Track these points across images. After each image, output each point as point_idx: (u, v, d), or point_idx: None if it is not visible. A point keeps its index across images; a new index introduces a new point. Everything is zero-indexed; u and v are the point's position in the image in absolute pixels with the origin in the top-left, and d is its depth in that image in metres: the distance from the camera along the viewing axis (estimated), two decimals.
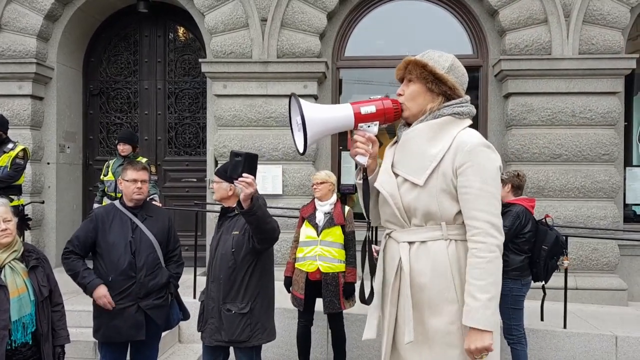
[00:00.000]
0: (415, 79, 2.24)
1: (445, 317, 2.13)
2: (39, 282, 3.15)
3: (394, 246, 2.26)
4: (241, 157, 2.80)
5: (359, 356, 5.37)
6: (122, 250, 3.66)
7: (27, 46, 7.17)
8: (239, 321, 3.54)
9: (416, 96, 2.24)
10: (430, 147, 2.16)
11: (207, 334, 3.63)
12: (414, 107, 2.24)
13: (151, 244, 3.75)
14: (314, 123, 2.08)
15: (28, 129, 7.17)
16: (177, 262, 3.95)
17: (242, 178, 2.84)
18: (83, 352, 5.04)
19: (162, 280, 3.77)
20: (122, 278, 3.63)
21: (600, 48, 6.60)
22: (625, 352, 5.24)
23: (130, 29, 8.07)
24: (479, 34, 7.14)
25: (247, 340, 3.57)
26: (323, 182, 4.75)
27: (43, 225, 7.39)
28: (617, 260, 6.59)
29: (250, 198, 3.09)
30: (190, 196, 7.60)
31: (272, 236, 3.45)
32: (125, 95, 8.07)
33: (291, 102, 2.20)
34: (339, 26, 7.24)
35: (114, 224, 3.73)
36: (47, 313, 3.18)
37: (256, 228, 3.33)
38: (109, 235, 3.69)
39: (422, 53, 2.29)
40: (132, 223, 3.75)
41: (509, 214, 4.50)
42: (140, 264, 3.68)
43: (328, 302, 4.63)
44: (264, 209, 3.29)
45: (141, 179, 3.76)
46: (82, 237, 3.70)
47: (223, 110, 6.93)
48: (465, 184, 2.09)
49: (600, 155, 6.60)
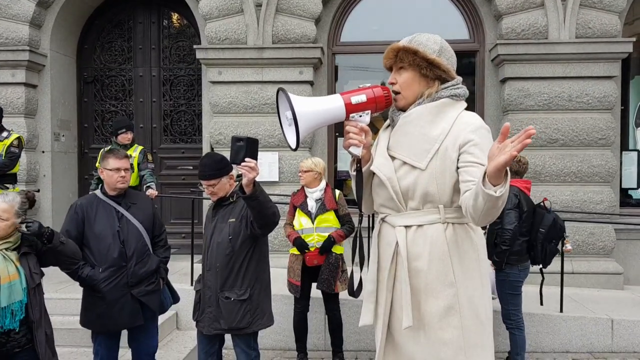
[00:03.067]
0: (407, 67, 2.20)
1: (442, 301, 2.12)
2: (31, 269, 3.13)
3: (390, 231, 2.24)
4: (243, 142, 2.77)
5: (356, 341, 5.40)
6: (110, 240, 3.64)
7: (20, 33, 7.10)
8: (239, 308, 3.54)
9: (411, 84, 2.21)
10: (431, 130, 2.14)
11: (206, 323, 3.62)
12: (409, 95, 2.21)
13: (138, 232, 3.74)
14: (305, 117, 2.03)
15: (22, 117, 7.13)
16: (164, 247, 3.95)
17: (244, 163, 2.81)
18: (81, 339, 5.04)
19: (153, 267, 3.77)
20: (114, 268, 3.62)
21: (597, 32, 6.56)
22: (621, 335, 5.28)
23: (124, 16, 7.99)
24: (475, 19, 7.09)
25: (247, 326, 3.57)
26: (308, 171, 4.77)
27: (39, 213, 7.36)
28: (613, 244, 6.61)
29: (253, 183, 3.07)
30: (187, 184, 7.59)
31: (273, 221, 3.43)
32: (120, 83, 8.01)
33: (279, 96, 2.15)
34: (335, 11, 7.18)
35: (99, 215, 3.70)
36: (39, 299, 3.16)
37: (258, 213, 3.31)
38: (95, 226, 3.66)
39: (409, 38, 2.25)
40: (117, 212, 3.73)
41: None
42: (130, 253, 3.67)
43: (323, 280, 4.67)
44: (265, 193, 3.28)
45: (124, 167, 3.72)
46: (73, 232, 3.64)
47: (218, 97, 6.89)
48: (469, 159, 2.05)
49: (597, 139, 6.59)
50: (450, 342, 2.11)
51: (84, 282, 3.64)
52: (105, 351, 3.80)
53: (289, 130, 2.13)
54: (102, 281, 3.59)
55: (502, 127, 1.78)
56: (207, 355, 3.74)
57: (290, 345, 5.21)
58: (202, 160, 3.68)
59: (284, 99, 2.07)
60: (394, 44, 2.25)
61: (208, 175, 3.57)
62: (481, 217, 1.91)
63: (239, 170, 2.97)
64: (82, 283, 3.66)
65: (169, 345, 5.25)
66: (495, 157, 1.76)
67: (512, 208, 4.45)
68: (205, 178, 3.58)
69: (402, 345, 2.21)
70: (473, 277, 2.16)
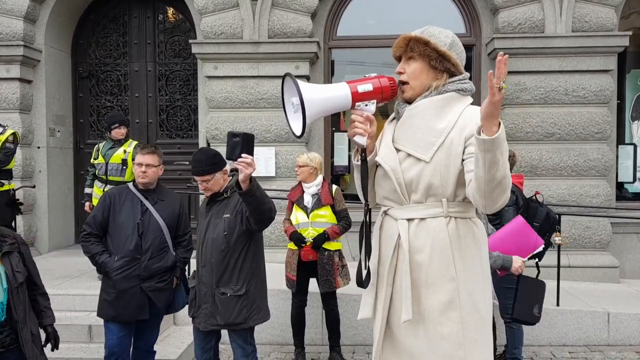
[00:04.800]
0: (417, 57, 2.19)
1: (443, 295, 2.11)
2: (13, 268, 3.05)
3: (392, 224, 2.23)
4: (239, 138, 2.74)
5: (353, 336, 5.40)
6: (129, 232, 3.71)
7: (14, 28, 7.06)
8: (235, 303, 3.53)
9: (419, 74, 2.19)
10: (437, 122, 2.13)
11: (202, 319, 3.61)
12: (417, 85, 2.20)
13: (159, 227, 3.78)
14: (312, 104, 2.01)
15: (17, 112, 7.10)
16: (186, 247, 3.98)
17: (241, 159, 2.78)
18: (78, 335, 5.04)
19: (167, 264, 3.80)
20: (128, 259, 3.69)
21: (594, 26, 6.56)
22: (617, 328, 5.30)
23: (119, 10, 7.95)
24: (471, 13, 7.08)
25: (243, 322, 3.57)
26: (303, 166, 4.76)
27: (35, 209, 7.34)
28: (610, 238, 6.63)
29: (249, 178, 3.05)
30: (183, 179, 7.56)
31: (269, 216, 3.41)
32: (115, 78, 7.97)
33: (285, 82, 2.13)
34: (331, 5, 7.16)
35: (125, 205, 3.78)
36: (22, 299, 3.07)
37: (255, 209, 3.29)
38: (119, 215, 3.75)
39: (421, 29, 2.24)
40: (143, 205, 3.80)
41: None
42: (147, 246, 3.72)
43: (324, 282, 4.67)
44: (261, 189, 3.26)
45: (146, 163, 3.78)
46: (99, 217, 3.76)
47: (214, 92, 6.87)
48: (474, 151, 1.99)
49: (593, 133, 6.60)
50: (450, 336, 2.10)
51: (100, 268, 3.76)
52: (115, 341, 3.79)
53: (294, 117, 2.10)
54: (114, 270, 3.67)
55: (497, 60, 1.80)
56: (203, 351, 3.74)
57: (287, 340, 5.22)
58: (195, 155, 3.65)
59: (291, 84, 2.05)
60: (405, 33, 2.23)
61: (202, 171, 3.55)
62: (488, 197, 1.89)
63: (235, 166, 2.95)
64: (99, 269, 3.79)
65: (166, 341, 5.25)
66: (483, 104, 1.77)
67: (510, 205, 4.45)
68: (199, 174, 3.57)
69: (400, 340, 2.20)
70: (474, 272, 2.15)
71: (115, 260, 3.68)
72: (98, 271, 3.80)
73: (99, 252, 3.71)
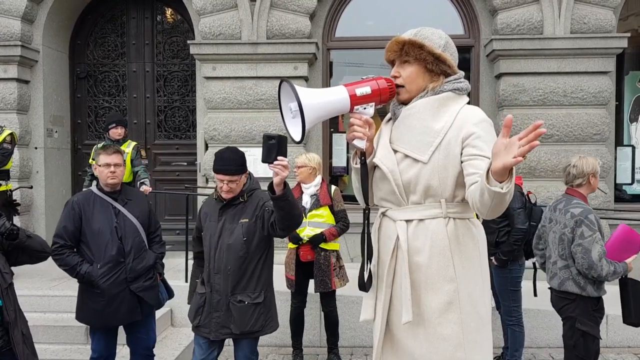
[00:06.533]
0: (412, 61, 2.17)
1: (442, 296, 2.11)
2: (1, 270, 3.00)
3: (390, 225, 2.22)
4: (275, 140, 2.60)
5: (352, 337, 5.39)
6: (108, 237, 3.64)
7: (12, 28, 7.03)
8: (253, 312, 3.41)
9: (415, 78, 2.18)
10: (434, 123, 2.12)
11: (213, 328, 3.44)
12: (414, 89, 2.19)
13: (135, 228, 3.74)
14: (311, 109, 1.98)
15: (14, 113, 7.07)
16: (160, 242, 3.98)
17: (277, 161, 2.65)
18: (75, 337, 5.02)
19: (150, 262, 3.78)
20: (111, 264, 3.62)
21: (592, 27, 6.56)
22: (616, 330, 5.30)
23: (117, 11, 7.93)
24: (470, 14, 7.08)
25: (260, 330, 3.46)
26: (302, 166, 4.76)
27: (32, 210, 7.32)
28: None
29: (283, 182, 2.94)
30: (181, 180, 7.56)
31: (298, 222, 3.27)
32: (113, 79, 7.95)
33: (282, 87, 2.10)
34: (330, 6, 7.15)
35: (96, 211, 3.68)
36: (12, 300, 3.04)
37: (287, 214, 3.13)
38: (93, 222, 3.65)
39: (413, 31, 2.22)
40: (114, 208, 3.73)
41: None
42: (128, 249, 3.68)
43: (320, 282, 4.66)
44: (293, 193, 3.11)
45: (114, 163, 3.70)
46: (71, 228, 3.64)
47: (213, 93, 6.85)
48: (473, 152, 2.02)
49: (592, 135, 6.60)
50: (450, 337, 2.09)
51: (83, 279, 3.63)
52: (102, 347, 3.79)
53: (293, 123, 2.07)
54: (100, 277, 3.59)
55: (505, 120, 1.73)
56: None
57: (285, 341, 5.20)
58: (222, 153, 3.42)
59: (289, 90, 2.02)
60: (398, 36, 2.21)
61: (233, 170, 3.36)
62: (489, 211, 1.88)
63: (272, 169, 2.78)
64: (81, 280, 3.65)
65: (164, 342, 5.23)
66: (501, 156, 1.69)
67: (521, 207, 4.44)
68: (230, 173, 3.36)
69: (401, 341, 2.20)
70: (474, 272, 2.15)
71: (99, 267, 3.59)
72: (80, 282, 3.69)
73: (78, 263, 3.59)
